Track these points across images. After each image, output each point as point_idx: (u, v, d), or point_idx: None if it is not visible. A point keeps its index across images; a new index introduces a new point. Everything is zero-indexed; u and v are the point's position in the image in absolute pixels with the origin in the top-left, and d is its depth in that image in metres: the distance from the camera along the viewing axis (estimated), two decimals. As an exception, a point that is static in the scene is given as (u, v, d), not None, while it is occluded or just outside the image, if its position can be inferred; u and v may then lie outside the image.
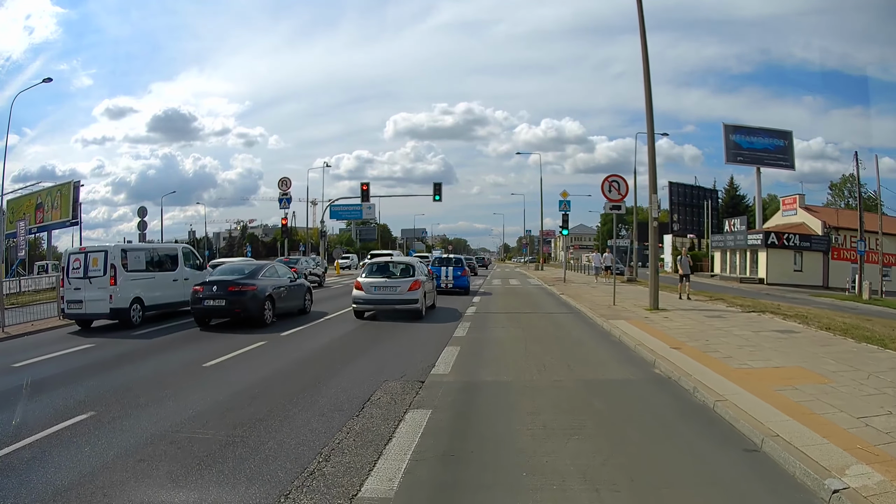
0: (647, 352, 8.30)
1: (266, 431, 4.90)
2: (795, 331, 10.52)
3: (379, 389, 6.29)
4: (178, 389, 6.45)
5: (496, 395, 6.03)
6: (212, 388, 6.50)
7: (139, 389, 6.45)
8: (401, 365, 7.73)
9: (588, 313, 13.79)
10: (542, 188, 51.12)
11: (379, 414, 5.34)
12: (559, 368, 7.42)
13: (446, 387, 6.41)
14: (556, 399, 5.85)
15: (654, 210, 13.71)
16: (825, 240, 40.66)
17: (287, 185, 28.29)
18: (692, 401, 5.94)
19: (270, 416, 5.32)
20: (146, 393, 6.29)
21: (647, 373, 7.25)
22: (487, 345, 9.43)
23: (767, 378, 6.64)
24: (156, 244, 18.67)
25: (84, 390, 6.40)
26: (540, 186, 49.80)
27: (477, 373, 7.22)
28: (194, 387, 6.61)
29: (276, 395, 6.10)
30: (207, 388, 6.55)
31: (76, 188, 50.01)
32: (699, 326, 10.93)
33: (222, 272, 13.34)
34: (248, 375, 7.18)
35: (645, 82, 13.91)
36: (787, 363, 7.54)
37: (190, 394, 6.26)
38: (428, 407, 5.51)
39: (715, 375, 6.70)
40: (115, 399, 6.02)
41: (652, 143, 14.01)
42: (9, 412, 5.39)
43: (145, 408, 5.72)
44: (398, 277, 13.22)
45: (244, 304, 11.71)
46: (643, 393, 6.26)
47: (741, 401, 5.67)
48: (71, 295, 12.46)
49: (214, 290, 11.82)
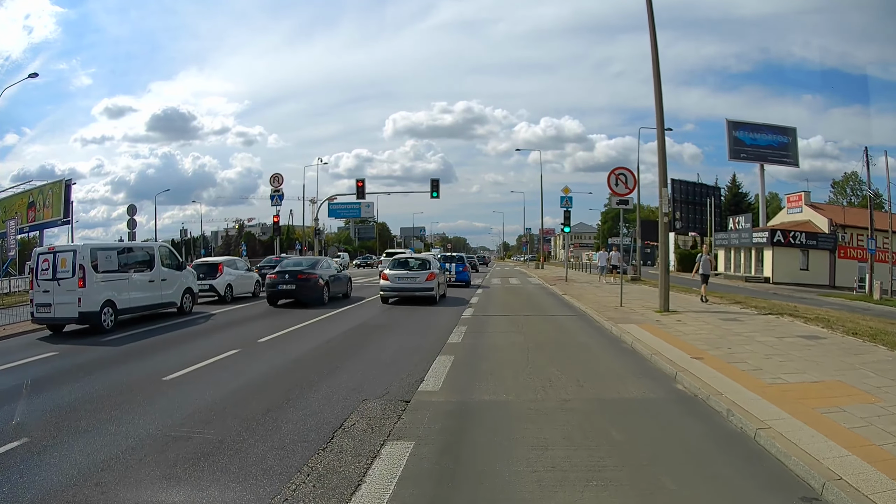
0: (665, 362, 7.35)
1: (210, 472, 3.95)
2: (821, 336, 9.62)
3: (356, 412, 5.33)
4: (126, 411, 5.51)
5: (493, 421, 5.04)
6: (163, 409, 5.56)
7: (85, 410, 5.58)
8: (385, 377, 6.80)
9: (594, 316, 12.83)
10: (542, 185, 50.13)
11: (350, 447, 4.38)
12: (567, 384, 6.44)
13: (435, 409, 5.43)
14: (566, 426, 4.87)
15: (664, 205, 12.74)
16: (832, 238, 39.74)
17: (279, 181, 27.30)
18: (727, 427, 5.00)
19: (219, 450, 4.36)
20: (91, 414, 5.43)
21: (668, 389, 6.28)
22: (485, 353, 8.45)
23: (808, 396, 5.74)
24: (130, 243, 17.71)
25: (26, 411, 5.48)
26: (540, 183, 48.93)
27: (471, 389, 6.22)
28: (145, 407, 5.66)
29: (233, 419, 5.14)
30: (159, 408, 5.61)
31: (68, 187, 49.11)
32: (717, 332, 9.98)
33: (291, 264, 16.94)
34: (208, 392, 6.22)
35: (654, 72, 12.97)
36: (824, 376, 6.64)
37: (138, 416, 5.33)
38: (410, 437, 4.54)
39: (748, 393, 5.77)
40: (56, 422, 5.16)
41: (661, 134, 13.07)
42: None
43: (83, 435, 4.85)
44: (417, 270, 16.13)
45: (309, 288, 15.48)
46: (668, 417, 5.30)
47: (786, 428, 4.75)
48: (40, 298, 11.62)
49: (286, 278, 15.49)
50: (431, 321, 12.36)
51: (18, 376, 7.20)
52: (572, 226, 34.93)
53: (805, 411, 5.25)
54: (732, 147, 48.46)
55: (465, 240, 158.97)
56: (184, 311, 14.14)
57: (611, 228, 78.04)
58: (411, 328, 11.27)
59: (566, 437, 4.56)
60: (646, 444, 4.45)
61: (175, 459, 4.20)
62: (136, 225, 31.12)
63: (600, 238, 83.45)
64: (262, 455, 4.26)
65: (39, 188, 49.54)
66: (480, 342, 9.43)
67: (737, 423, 5.03)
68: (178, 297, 14.03)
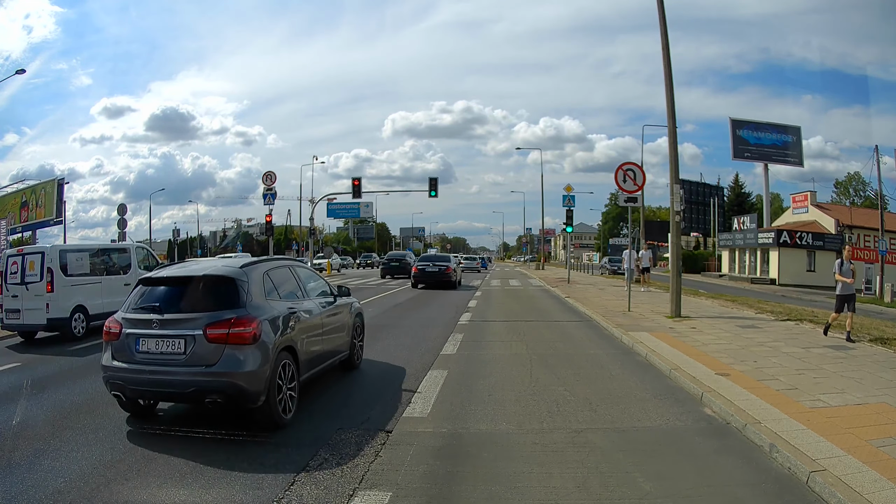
0: (687, 380, 6.47)
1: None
2: (848, 346, 8.80)
3: (326, 445, 4.46)
4: (66, 440, 4.65)
5: (490, 462, 4.12)
6: (107, 439, 4.69)
7: (16, 439, 4.70)
8: (368, 397, 5.94)
9: (601, 322, 11.95)
10: (542, 184, 49.21)
11: (311, 499, 3.48)
12: (578, 408, 5.54)
13: (420, 443, 4.53)
14: (580, 469, 3.97)
15: (676, 202, 11.85)
16: (839, 239, 38.80)
17: (272, 179, 26.31)
18: (772, 468, 4.13)
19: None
20: (28, 443, 4.60)
21: (696, 415, 5.39)
22: (482, 368, 7.54)
23: (856, 424, 4.91)
24: (104, 244, 16.84)
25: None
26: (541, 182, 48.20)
27: (465, 416, 5.31)
28: (88, 435, 4.79)
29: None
30: (102, 437, 4.74)
31: (60, 186, 48.26)
32: (737, 341, 9.11)
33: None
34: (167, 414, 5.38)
35: (665, 61, 12.13)
36: (867, 397, 5.81)
37: (78, 447, 4.49)
38: (386, 486, 3.64)
39: (791, 422, 4.91)
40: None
41: (673, 127, 12.21)
42: None
43: (12, 470, 4.03)
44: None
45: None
46: (702, 455, 4.40)
47: (843, 469, 3.92)
48: (9, 303, 10.85)
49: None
50: (425, 327, 11.48)
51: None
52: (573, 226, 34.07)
53: (859, 446, 4.41)
54: (736, 146, 47.50)
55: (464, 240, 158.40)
56: (163, 316, 13.32)
57: (611, 229, 77.14)
58: (402, 336, 10.38)
59: (581, 486, 3.66)
60: (683, 497, 3.55)
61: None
62: (125, 225, 30.28)
63: (601, 239, 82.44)
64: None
65: (32, 187, 48.74)
66: (477, 354, 8.54)
67: (784, 463, 4.17)
68: (156, 301, 13.21)
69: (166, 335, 4.66)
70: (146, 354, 4.69)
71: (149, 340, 4.70)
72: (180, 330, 4.63)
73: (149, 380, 4.65)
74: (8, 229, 37.16)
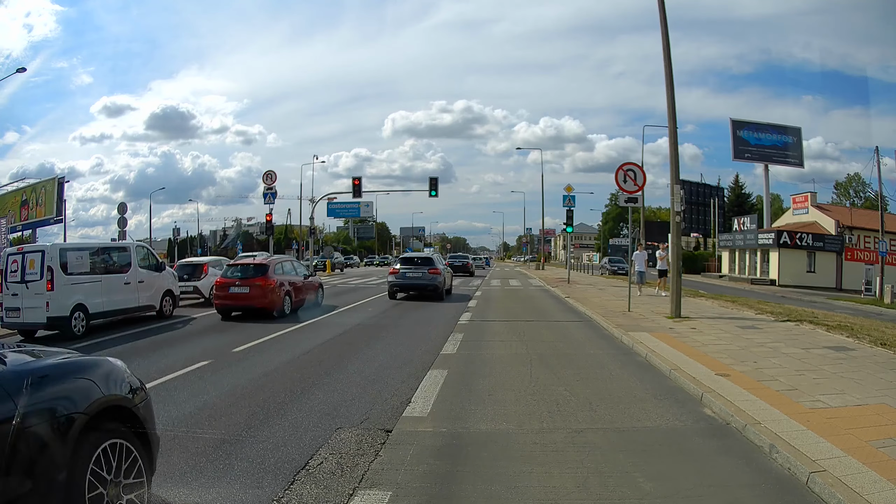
0: (687, 380, 6.48)
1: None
2: (849, 347, 8.79)
3: (326, 445, 4.46)
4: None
5: (490, 462, 4.12)
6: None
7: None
8: (366, 397, 5.94)
9: (601, 322, 11.96)
10: (543, 184, 49.23)
11: (311, 498, 3.48)
12: (578, 408, 5.55)
13: (420, 442, 4.54)
14: (580, 469, 3.98)
15: (676, 203, 11.86)
16: (839, 240, 38.87)
17: (272, 178, 26.36)
18: (773, 469, 4.13)
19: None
20: None
21: (696, 416, 5.39)
22: (482, 367, 7.56)
23: (856, 425, 4.90)
24: (104, 243, 16.91)
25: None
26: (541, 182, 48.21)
27: (465, 415, 5.31)
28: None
29: (179, 454, 4.27)
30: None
31: (61, 184, 48.26)
32: (738, 342, 9.12)
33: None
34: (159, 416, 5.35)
35: (666, 63, 12.13)
36: (867, 398, 5.80)
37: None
38: (387, 485, 3.65)
39: (790, 422, 4.91)
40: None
41: (673, 127, 12.21)
42: None
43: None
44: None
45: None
46: (702, 455, 4.41)
47: (843, 470, 3.91)
48: (9, 302, 10.92)
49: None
50: (425, 327, 11.49)
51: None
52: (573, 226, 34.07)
53: (859, 446, 4.40)
54: (736, 147, 47.51)
55: (464, 240, 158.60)
56: (163, 315, 13.36)
57: (611, 229, 77.13)
58: (401, 336, 10.39)
59: (581, 486, 3.66)
60: (682, 497, 3.55)
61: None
62: (126, 224, 30.30)
63: (601, 239, 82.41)
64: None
65: (32, 186, 48.72)
66: (477, 353, 8.54)
67: (784, 464, 4.17)
68: (156, 299, 13.25)
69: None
70: None
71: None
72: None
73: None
74: (8, 228, 37.16)
